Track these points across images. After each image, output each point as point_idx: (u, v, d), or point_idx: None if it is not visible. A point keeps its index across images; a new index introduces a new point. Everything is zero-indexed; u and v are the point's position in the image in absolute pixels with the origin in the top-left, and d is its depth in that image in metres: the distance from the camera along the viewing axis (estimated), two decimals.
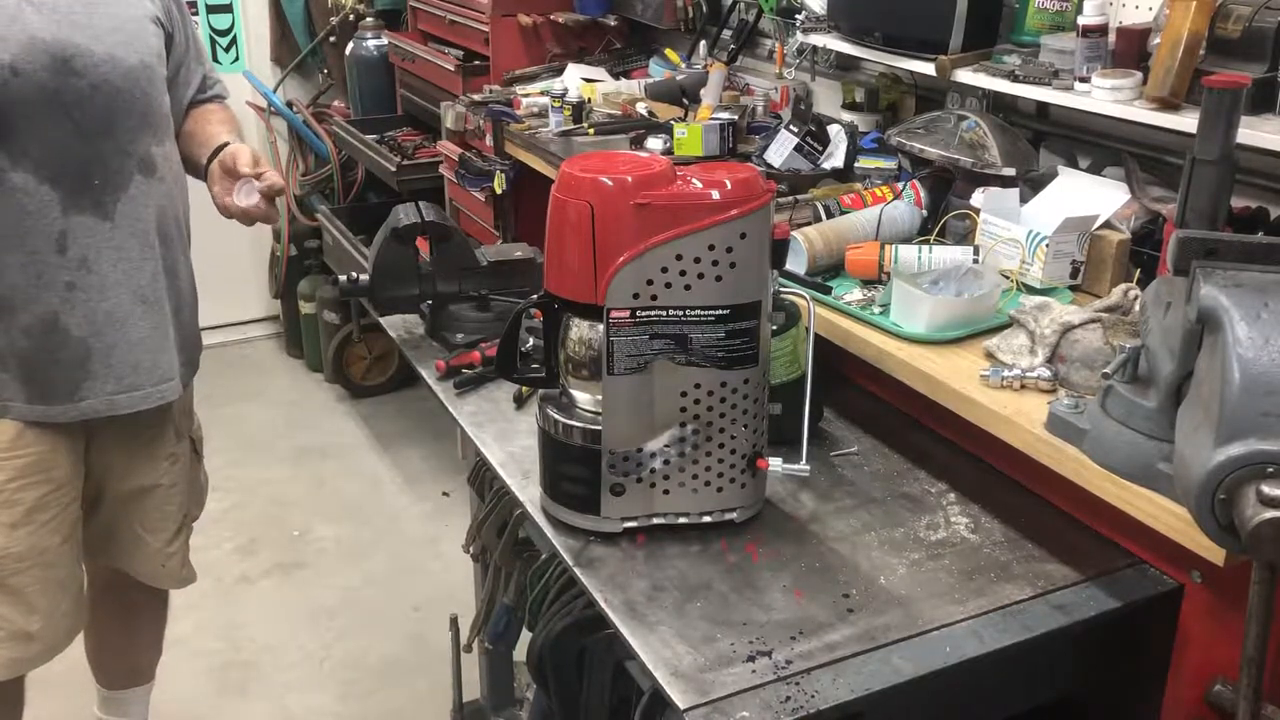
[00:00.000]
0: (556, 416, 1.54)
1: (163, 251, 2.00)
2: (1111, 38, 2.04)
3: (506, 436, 1.83)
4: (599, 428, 1.49)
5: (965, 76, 2.25)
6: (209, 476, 2.45)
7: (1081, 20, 2.03)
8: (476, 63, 3.77)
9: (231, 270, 4.87)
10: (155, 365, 2.01)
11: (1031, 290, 1.94)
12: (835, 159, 2.56)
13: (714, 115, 2.94)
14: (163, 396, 2.04)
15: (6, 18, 1.79)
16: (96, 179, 1.88)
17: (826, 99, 3.03)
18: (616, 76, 3.60)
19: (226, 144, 2.04)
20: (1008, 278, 1.96)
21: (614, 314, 1.43)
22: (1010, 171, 2.15)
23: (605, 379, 1.46)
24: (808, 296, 1.67)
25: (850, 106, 2.87)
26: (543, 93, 3.37)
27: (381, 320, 2.27)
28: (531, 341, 1.70)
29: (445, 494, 3.81)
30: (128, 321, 1.95)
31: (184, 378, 2.11)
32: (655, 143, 2.90)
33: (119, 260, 1.92)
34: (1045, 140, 2.38)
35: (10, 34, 1.78)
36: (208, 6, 4.67)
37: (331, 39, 4.72)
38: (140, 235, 1.95)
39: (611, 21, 3.75)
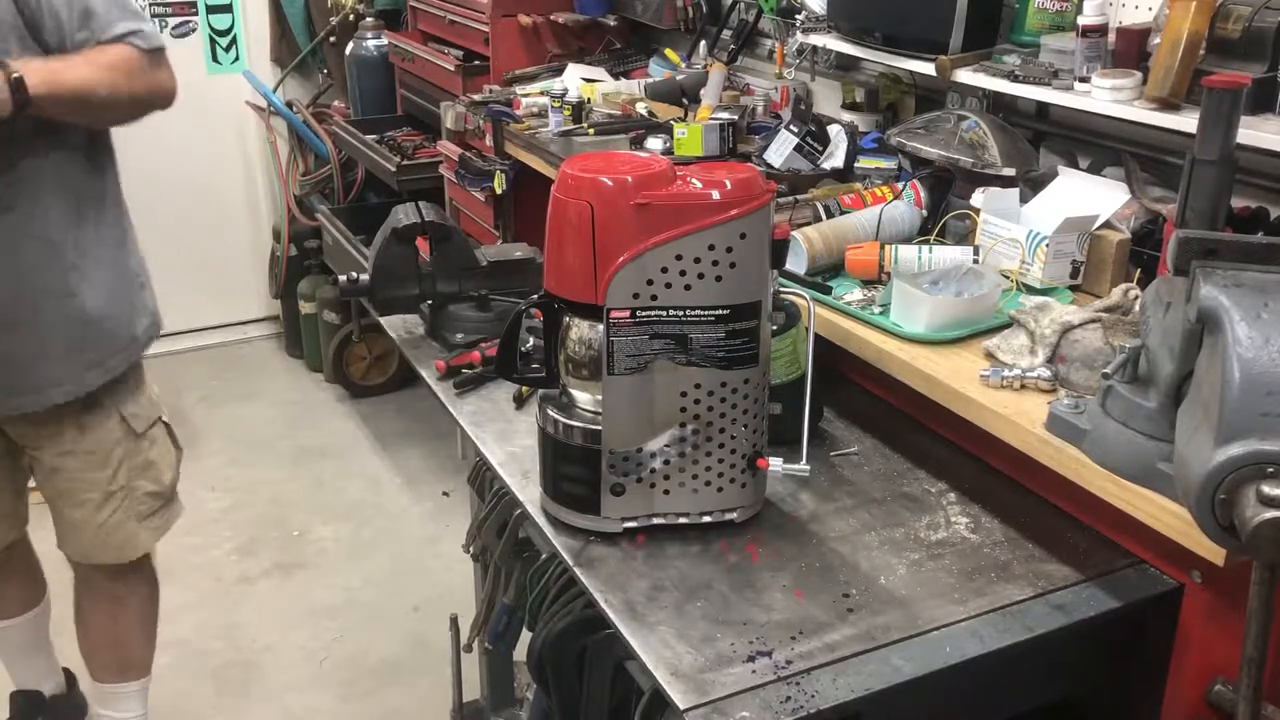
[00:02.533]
0: (556, 416, 1.54)
1: (19, 283, 2.02)
2: (1111, 38, 2.05)
3: (506, 436, 1.83)
4: (599, 428, 1.49)
5: (965, 76, 2.25)
6: (182, 467, 2.47)
7: (1081, 20, 2.03)
8: (476, 63, 3.77)
9: (231, 270, 4.88)
10: (27, 377, 2.08)
11: (1031, 290, 1.94)
12: (835, 159, 2.56)
13: (714, 115, 2.94)
14: (47, 401, 2.12)
15: None
16: None
17: (826, 99, 3.03)
18: (616, 76, 3.60)
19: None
20: (1008, 278, 1.96)
21: (614, 314, 1.43)
22: (1010, 171, 2.15)
23: (605, 379, 1.46)
24: (808, 296, 1.67)
25: (850, 106, 2.87)
26: (543, 93, 3.37)
27: (381, 320, 2.27)
28: (531, 341, 1.70)
29: (445, 494, 3.81)
30: (20, 324, 2.03)
31: (90, 379, 2.15)
32: (655, 143, 2.90)
33: (12, 265, 1.98)
34: (1045, 140, 2.38)
35: None
36: (208, 6, 4.67)
37: (331, 39, 4.72)
38: (19, 231, 1.98)
39: (611, 21, 3.75)
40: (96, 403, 2.20)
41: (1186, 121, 1.83)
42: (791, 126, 2.64)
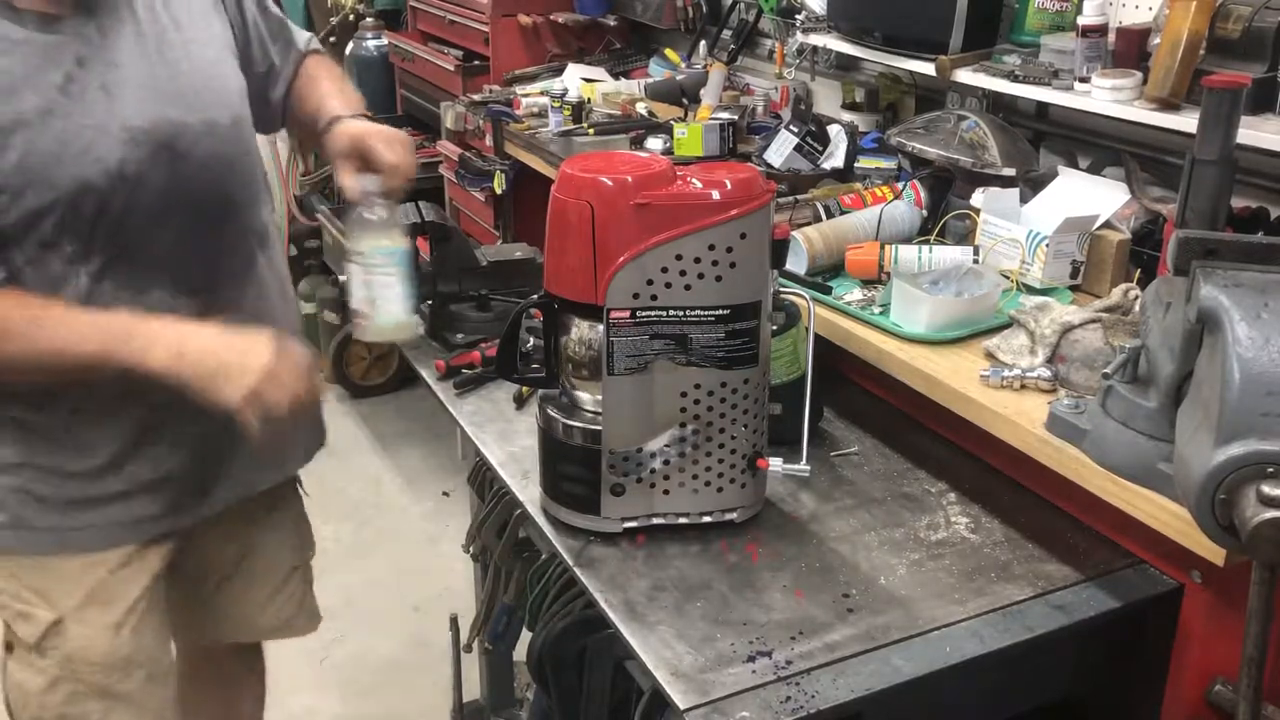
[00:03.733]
0: (556, 416, 1.54)
1: (291, 324, 1.77)
2: (1111, 38, 2.05)
3: (506, 436, 1.83)
4: (599, 428, 1.49)
5: (965, 76, 2.25)
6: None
7: (1081, 20, 2.03)
8: (476, 63, 3.77)
9: None
10: (283, 441, 1.75)
11: (1031, 290, 1.94)
12: (835, 159, 2.56)
13: (714, 115, 2.94)
14: (293, 466, 1.86)
15: (89, 107, 1.44)
16: (226, 271, 1.63)
17: (826, 99, 3.03)
18: (616, 76, 3.60)
19: (339, 118, 1.70)
20: (1008, 278, 1.96)
21: (614, 314, 1.43)
22: (1010, 171, 2.15)
23: (605, 379, 1.46)
24: (808, 296, 1.67)
25: (850, 106, 2.87)
26: (543, 93, 3.37)
27: None
28: (531, 341, 1.70)
29: (445, 494, 3.81)
30: None
31: (307, 442, 1.89)
32: (655, 143, 2.90)
33: None
34: (1045, 140, 2.38)
35: (106, 128, 1.44)
36: None
37: (331, 39, 4.71)
38: (272, 318, 1.66)
39: (611, 21, 3.75)
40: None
41: (1186, 121, 1.83)
42: (791, 126, 2.64)
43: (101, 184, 1.44)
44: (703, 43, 3.42)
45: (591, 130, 3.10)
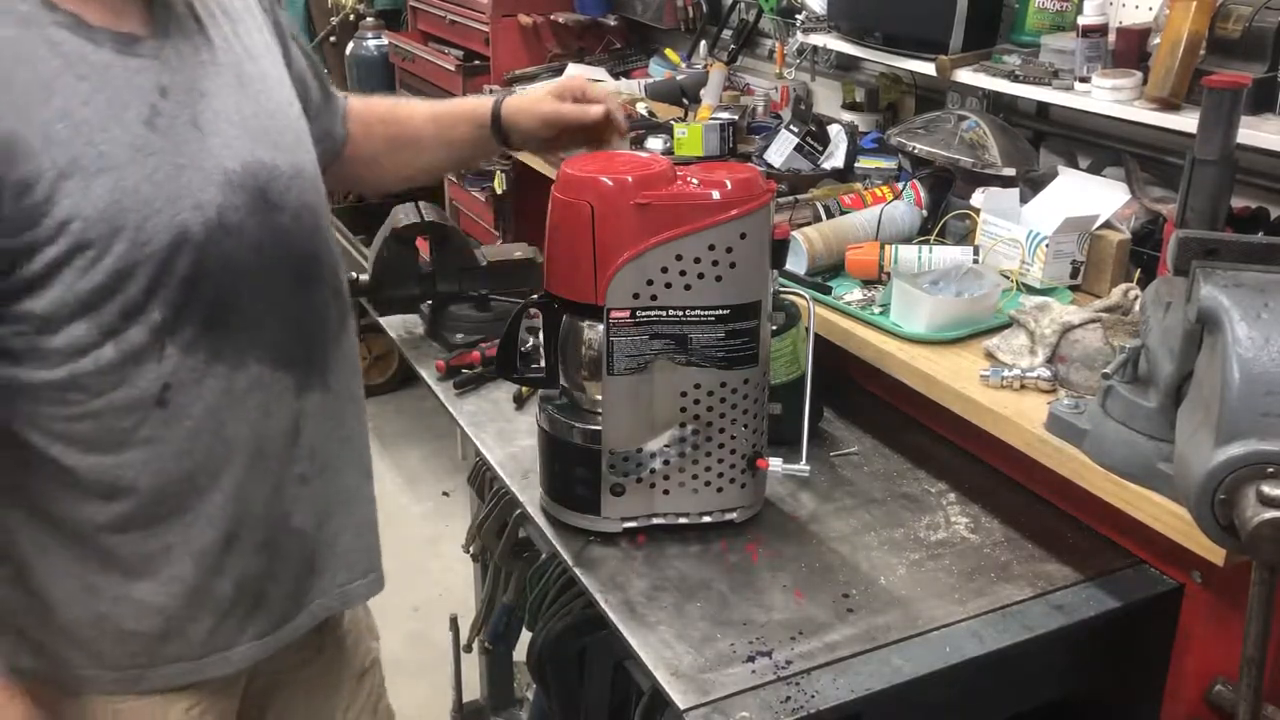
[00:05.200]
0: (556, 416, 1.54)
1: (358, 404, 1.51)
2: (1111, 38, 2.05)
3: (506, 436, 1.83)
4: (599, 428, 1.49)
5: (965, 76, 2.25)
6: None
7: (1081, 20, 2.03)
8: (476, 63, 3.77)
9: None
10: (375, 540, 1.57)
11: (1031, 290, 1.94)
12: (835, 159, 2.56)
13: (714, 115, 2.94)
14: (381, 579, 1.61)
15: (181, 144, 1.21)
16: (320, 342, 1.40)
17: (826, 99, 3.03)
18: (616, 76, 3.60)
19: (496, 104, 1.62)
20: (1008, 278, 1.96)
21: (614, 314, 1.43)
22: (1010, 171, 2.15)
23: (605, 379, 1.46)
24: (808, 296, 1.67)
25: (850, 106, 2.87)
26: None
27: (381, 320, 2.27)
28: (531, 341, 1.70)
29: (445, 494, 3.81)
30: (355, 499, 1.49)
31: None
32: (655, 143, 2.90)
33: (343, 433, 1.45)
34: (1045, 140, 2.38)
35: (202, 168, 1.22)
36: None
37: (331, 39, 4.72)
38: (352, 394, 1.47)
39: (611, 21, 3.75)
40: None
41: (1186, 121, 1.83)
42: (791, 126, 2.64)
43: (200, 235, 1.21)
44: (703, 43, 3.42)
45: None
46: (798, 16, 2.73)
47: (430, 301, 2.16)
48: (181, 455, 1.27)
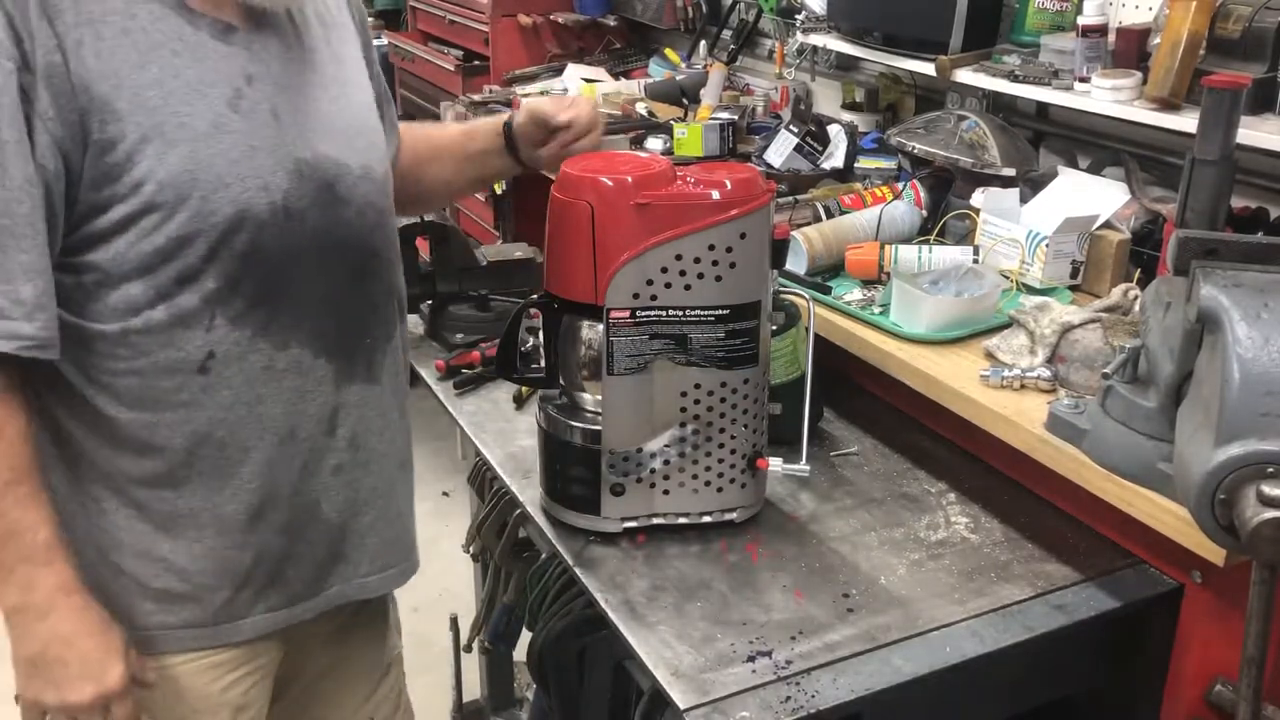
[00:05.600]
0: (556, 416, 1.54)
1: (403, 398, 1.57)
2: (1111, 38, 2.05)
3: (506, 436, 1.83)
4: (599, 428, 1.49)
5: (965, 76, 2.25)
6: None
7: (1081, 20, 2.03)
8: (476, 63, 3.78)
9: None
10: (406, 535, 1.61)
11: (1031, 290, 1.94)
12: (835, 159, 2.56)
13: (714, 115, 2.95)
14: (411, 571, 1.62)
15: (258, 129, 1.29)
16: (369, 335, 1.45)
17: (826, 99, 3.03)
18: (616, 76, 3.60)
19: (505, 122, 1.69)
20: (1008, 278, 1.96)
21: (614, 314, 1.43)
22: (1010, 171, 2.15)
23: (605, 379, 1.46)
24: (808, 296, 1.67)
25: (850, 106, 2.87)
26: (543, 93, 3.37)
27: None
28: (531, 341, 1.70)
29: (445, 494, 3.80)
30: (390, 494, 1.55)
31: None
32: (655, 143, 2.90)
33: (384, 428, 1.51)
34: (1045, 140, 2.38)
35: (276, 155, 1.30)
36: None
37: None
38: (399, 390, 1.54)
39: (611, 21, 3.76)
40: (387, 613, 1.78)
41: (1186, 121, 1.83)
42: (791, 126, 2.64)
43: (264, 215, 1.29)
44: (703, 43, 3.42)
45: None
46: (798, 16, 2.74)
47: (430, 301, 2.16)
48: (216, 423, 1.34)
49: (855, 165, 2.49)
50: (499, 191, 3.36)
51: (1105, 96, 1.98)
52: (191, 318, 1.29)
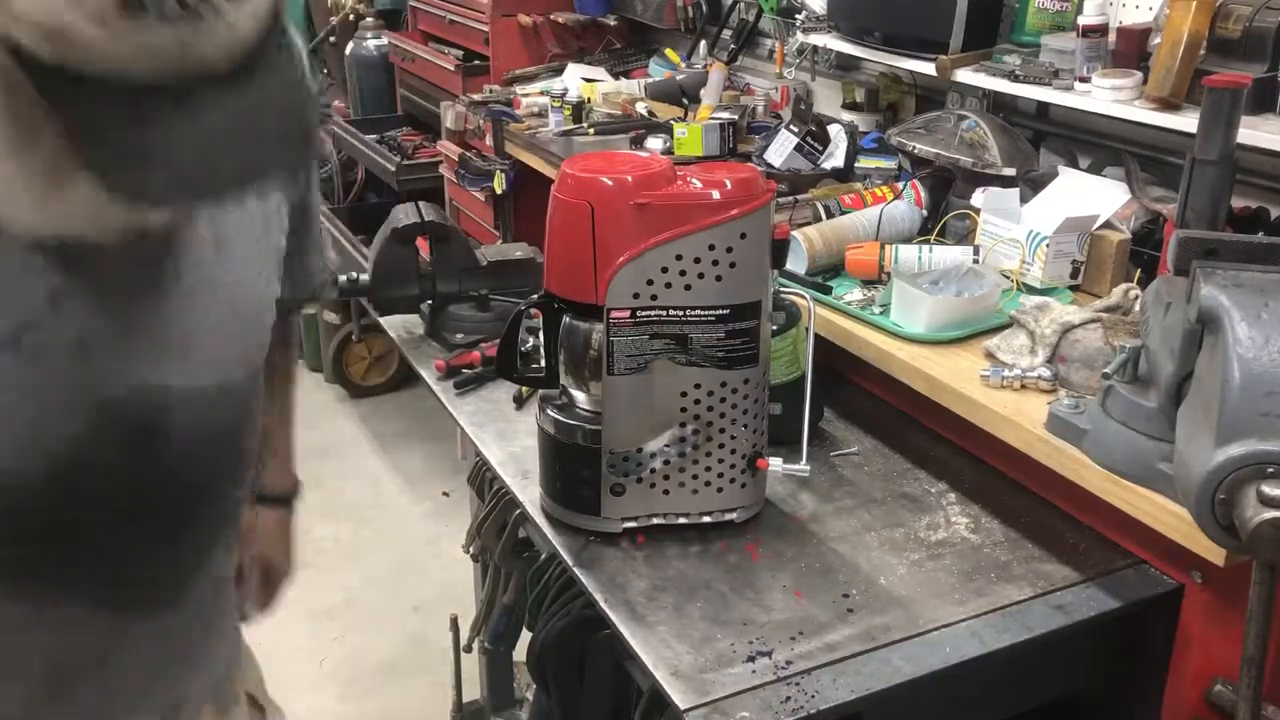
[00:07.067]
0: (556, 416, 1.54)
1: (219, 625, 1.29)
2: (1111, 38, 2.05)
3: (506, 436, 1.83)
4: (599, 428, 1.49)
5: (965, 76, 2.25)
6: None
7: (1081, 20, 2.03)
8: (476, 63, 3.78)
9: None
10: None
11: (1031, 290, 1.94)
12: (835, 159, 2.56)
13: (714, 115, 2.94)
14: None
15: (42, 371, 0.94)
16: (171, 568, 1.14)
17: (826, 99, 3.03)
18: (616, 76, 3.60)
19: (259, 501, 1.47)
20: (1008, 278, 1.96)
21: (614, 314, 1.43)
22: (1010, 171, 2.15)
23: (605, 379, 1.46)
24: (808, 296, 1.67)
25: (850, 106, 2.87)
26: (543, 93, 3.37)
27: (381, 320, 2.27)
28: (531, 341, 1.70)
29: (445, 494, 3.81)
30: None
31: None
32: (655, 143, 2.90)
33: (181, 652, 1.20)
34: (1045, 140, 2.38)
35: (67, 397, 0.97)
36: None
37: (331, 39, 4.72)
38: (202, 616, 1.22)
39: (611, 21, 3.75)
40: None
41: (1186, 121, 1.83)
42: (791, 126, 2.64)
43: (38, 469, 0.97)
44: (703, 43, 3.42)
45: (591, 130, 3.10)
46: (798, 16, 2.73)
47: (430, 301, 2.16)
48: None
49: (855, 165, 2.49)
50: (499, 191, 3.36)
51: (1105, 96, 1.98)
52: None
